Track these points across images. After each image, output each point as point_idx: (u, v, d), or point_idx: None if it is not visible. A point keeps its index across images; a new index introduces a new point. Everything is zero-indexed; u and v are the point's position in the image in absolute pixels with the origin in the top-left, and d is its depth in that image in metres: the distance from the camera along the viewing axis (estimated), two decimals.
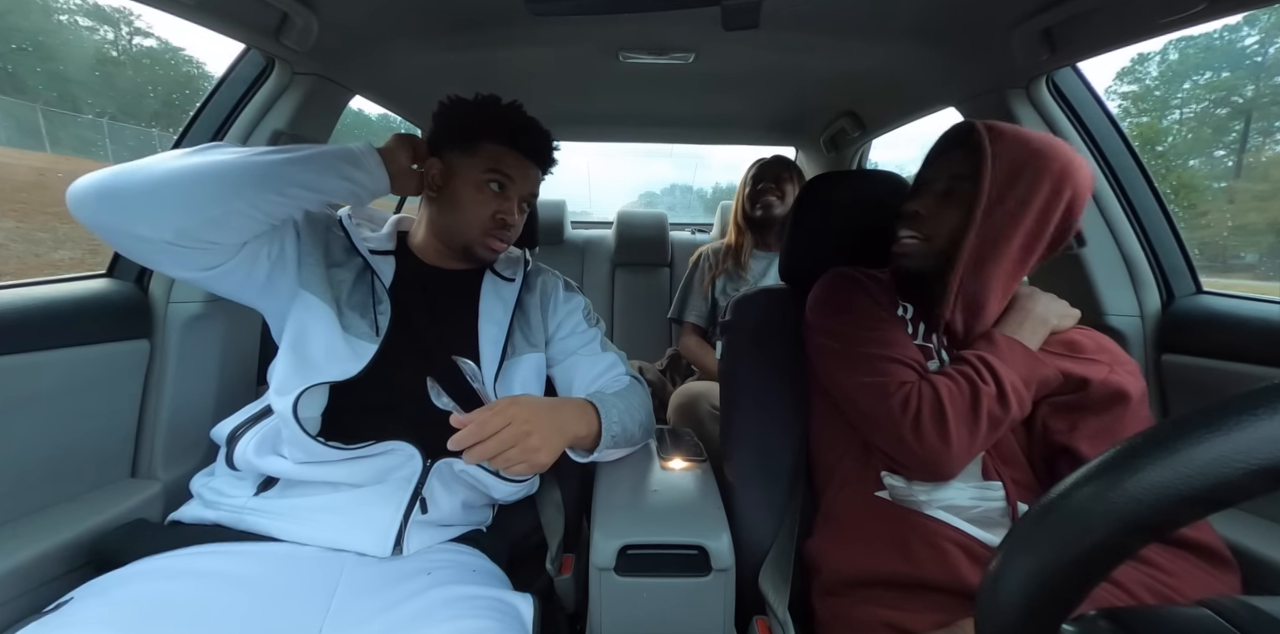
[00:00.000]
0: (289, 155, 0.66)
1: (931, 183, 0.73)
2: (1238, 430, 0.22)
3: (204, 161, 0.61)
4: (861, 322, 0.75)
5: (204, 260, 0.64)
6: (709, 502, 0.83)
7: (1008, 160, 0.66)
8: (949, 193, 0.71)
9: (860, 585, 0.64)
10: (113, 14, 17.78)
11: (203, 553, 0.62)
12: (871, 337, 0.72)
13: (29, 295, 0.80)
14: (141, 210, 0.59)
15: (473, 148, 0.78)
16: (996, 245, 0.67)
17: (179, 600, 0.54)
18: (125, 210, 0.59)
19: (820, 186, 0.89)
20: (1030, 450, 0.67)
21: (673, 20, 0.99)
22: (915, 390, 0.65)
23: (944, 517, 0.64)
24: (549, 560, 0.81)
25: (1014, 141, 0.67)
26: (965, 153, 0.69)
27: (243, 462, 0.69)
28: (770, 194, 1.55)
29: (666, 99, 1.56)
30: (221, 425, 0.74)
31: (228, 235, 0.64)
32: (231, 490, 0.70)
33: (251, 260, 0.68)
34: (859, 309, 0.76)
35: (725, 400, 0.91)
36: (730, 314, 0.91)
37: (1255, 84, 14.76)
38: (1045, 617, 0.26)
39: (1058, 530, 0.25)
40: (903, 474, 0.68)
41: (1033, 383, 0.65)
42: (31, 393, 0.78)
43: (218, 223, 0.62)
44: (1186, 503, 0.23)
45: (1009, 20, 0.87)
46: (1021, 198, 0.65)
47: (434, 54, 1.12)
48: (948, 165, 0.72)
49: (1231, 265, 8.02)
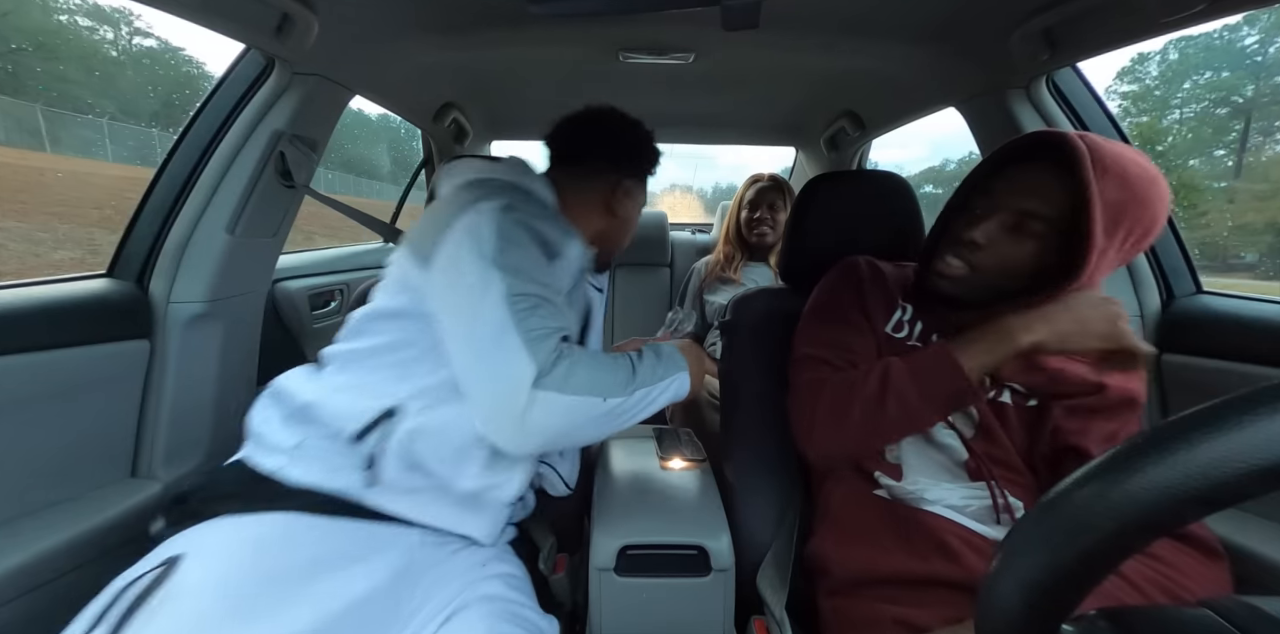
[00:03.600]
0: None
1: (999, 210, 0.63)
2: (1238, 430, 0.22)
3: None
4: (822, 323, 0.77)
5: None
6: (709, 502, 0.83)
7: (1112, 198, 0.56)
8: (1019, 227, 0.62)
9: (867, 584, 0.64)
10: (113, 14, 17.78)
11: (326, 519, 0.62)
12: (818, 337, 0.76)
13: (29, 295, 0.80)
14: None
15: (644, 180, 0.89)
16: (1092, 287, 0.61)
17: (269, 570, 0.56)
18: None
19: (820, 186, 0.89)
20: (1032, 450, 0.67)
21: (673, 20, 0.99)
22: (820, 380, 0.71)
23: (945, 513, 0.64)
24: (541, 560, 0.81)
25: (1118, 171, 0.57)
26: (1048, 180, 0.59)
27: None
28: (764, 224, 1.62)
29: (666, 99, 1.56)
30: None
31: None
32: (339, 460, 0.65)
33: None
34: (828, 310, 0.77)
35: (725, 400, 0.91)
36: (730, 314, 0.91)
37: (1255, 84, 14.75)
38: (1045, 617, 0.26)
39: (1058, 530, 0.25)
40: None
41: (939, 398, 0.63)
42: (31, 393, 0.78)
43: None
44: (1186, 503, 0.23)
45: (1009, 20, 0.87)
46: (1123, 243, 0.58)
47: (434, 54, 1.12)
48: (1025, 193, 0.61)
49: (1231, 265, 8.01)
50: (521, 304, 0.61)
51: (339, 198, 1.20)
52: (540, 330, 0.60)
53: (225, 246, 0.98)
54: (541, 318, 0.61)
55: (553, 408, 0.58)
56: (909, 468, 0.68)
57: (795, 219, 0.90)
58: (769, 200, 1.62)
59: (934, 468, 0.67)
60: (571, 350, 0.61)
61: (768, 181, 1.64)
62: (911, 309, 0.75)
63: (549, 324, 0.61)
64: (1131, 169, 0.57)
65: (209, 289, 0.97)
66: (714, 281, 1.67)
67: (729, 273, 1.64)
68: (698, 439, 1.05)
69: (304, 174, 1.04)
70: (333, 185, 18.77)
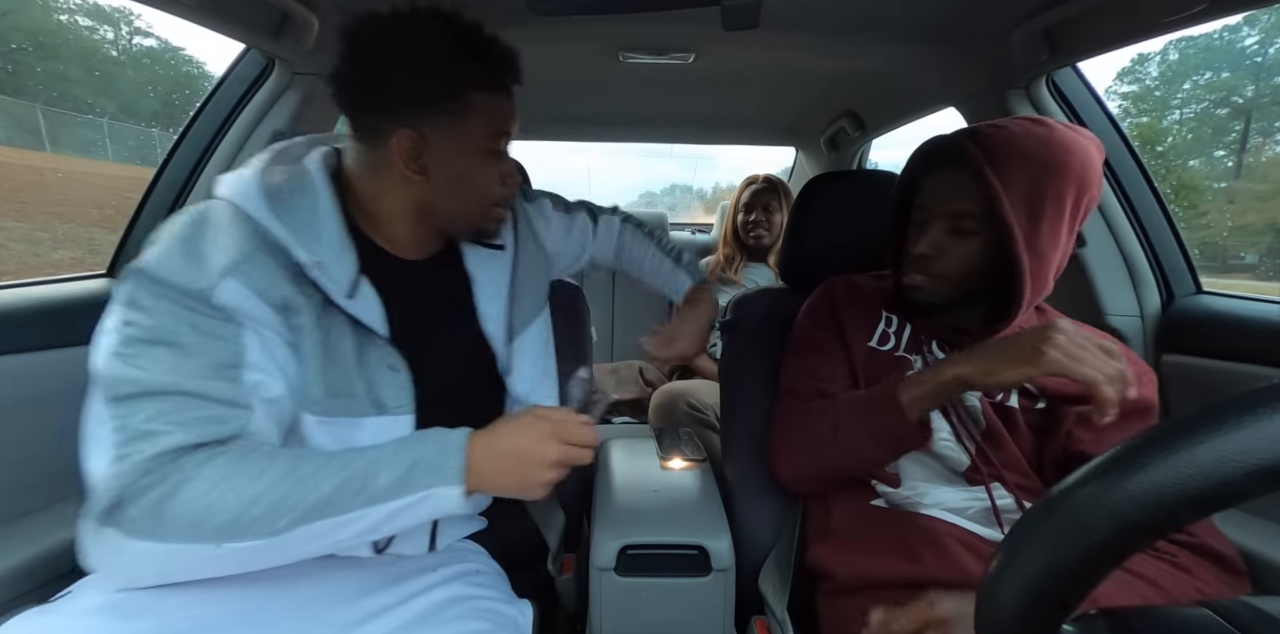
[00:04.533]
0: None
1: (933, 218, 0.65)
2: (1238, 430, 0.22)
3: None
4: (796, 354, 0.78)
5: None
6: (709, 502, 0.83)
7: (1023, 183, 0.58)
8: (957, 230, 0.64)
9: (867, 587, 0.64)
10: (113, 14, 17.77)
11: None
12: (792, 368, 0.77)
13: (29, 295, 0.80)
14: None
15: (461, 108, 0.56)
16: (1044, 267, 0.62)
17: (176, 591, 0.48)
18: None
19: (820, 187, 0.89)
20: (1041, 454, 0.66)
21: (673, 20, 0.99)
22: (785, 412, 0.73)
23: (943, 515, 0.64)
24: (550, 560, 0.81)
25: (1019, 156, 0.58)
26: (962, 181, 0.61)
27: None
28: (760, 227, 1.62)
29: (666, 99, 1.56)
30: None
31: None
32: None
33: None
34: (801, 340, 0.78)
35: (725, 400, 0.91)
36: (730, 314, 0.91)
37: (1255, 84, 14.75)
38: (1045, 616, 0.26)
39: (1057, 530, 0.25)
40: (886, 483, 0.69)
41: (886, 440, 0.63)
42: (31, 393, 0.78)
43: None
44: (1186, 503, 0.23)
45: (1009, 20, 0.87)
46: (1053, 218, 0.59)
47: None
48: (948, 197, 0.64)
49: (1231, 265, 8.02)
50: (121, 409, 0.44)
51: None
52: (129, 448, 0.43)
53: None
54: (138, 427, 0.44)
55: (123, 558, 0.43)
56: (906, 475, 0.68)
57: (795, 219, 0.90)
58: (763, 202, 1.62)
59: (932, 474, 0.67)
60: (174, 471, 0.43)
61: (762, 183, 1.63)
62: (897, 319, 0.75)
63: (150, 434, 0.43)
64: (1028, 146, 0.58)
65: None
66: (714, 282, 1.67)
67: (729, 274, 1.64)
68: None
69: None
70: None
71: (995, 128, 0.61)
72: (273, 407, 0.51)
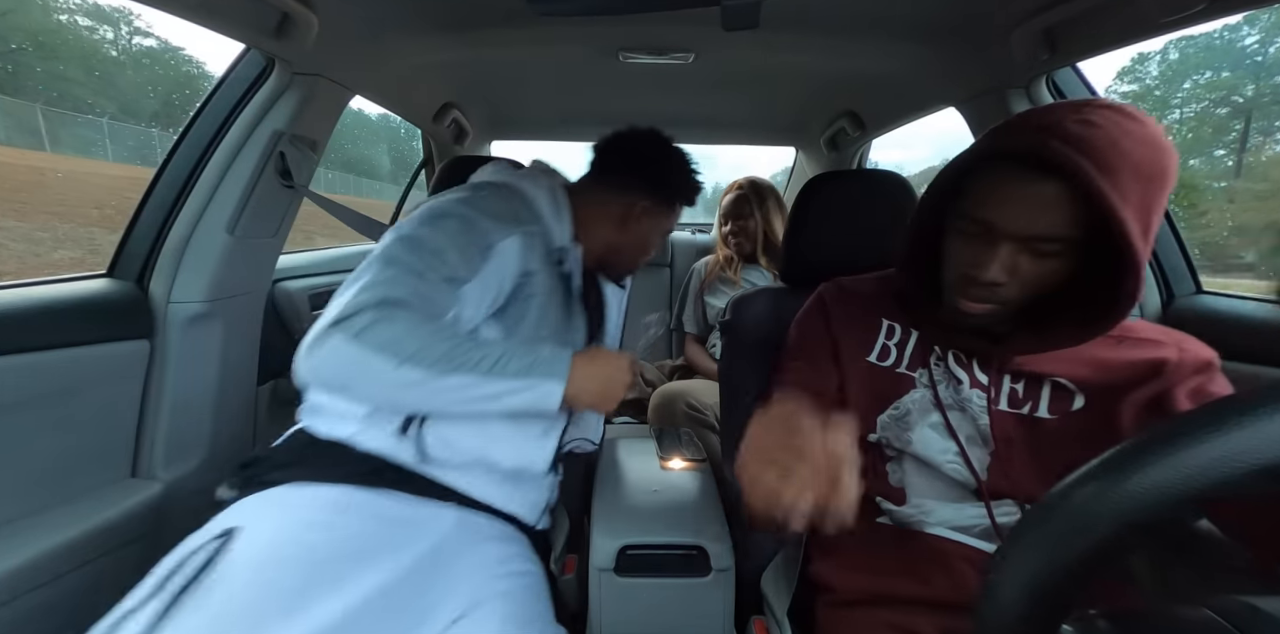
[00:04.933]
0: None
1: (1002, 240, 0.52)
2: (1237, 430, 0.22)
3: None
4: (790, 359, 0.73)
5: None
6: (709, 502, 0.83)
7: (1136, 199, 0.48)
8: (1034, 250, 0.52)
9: (870, 604, 0.62)
10: (113, 14, 17.76)
11: (375, 494, 0.66)
12: (783, 378, 0.72)
13: (29, 295, 0.80)
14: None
15: (671, 205, 0.89)
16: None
17: (310, 555, 0.57)
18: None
19: (820, 186, 0.89)
20: (1057, 463, 0.60)
21: (673, 20, 0.99)
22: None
23: (949, 534, 0.61)
24: (552, 561, 0.82)
25: (1132, 166, 0.47)
26: (1054, 197, 0.49)
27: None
28: (736, 237, 1.63)
29: (666, 99, 1.56)
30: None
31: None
32: (395, 443, 0.70)
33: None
34: (795, 348, 0.74)
35: (725, 400, 0.91)
36: (730, 314, 0.91)
37: (1255, 84, 14.74)
38: (1045, 616, 0.26)
39: (1058, 530, 0.25)
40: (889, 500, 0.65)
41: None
42: (31, 393, 0.78)
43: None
44: (1186, 502, 0.23)
45: (1009, 20, 0.87)
46: (1155, 222, 0.50)
47: (434, 54, 1.12)
48: (1027, 218, 0.50)
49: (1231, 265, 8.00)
50: (387, 266, 0.63)
51: (339, 198, 1.20)
52: (376, 287, 0.61)
53: (225, 246, 0.98)
54: (390, 280, 0.62)
55: (335, 354, 0.58)
56: (912, 490, 0.64)
57: (795, 219, 0.90)
58: (738, 211, 1.61)
59: (940, 489, 0.63)
60: (394, 312, 0.60)
61: (738, 191, 1.62)
62: (900, 328, 0.68)
63: (392, 288, 0.61)
64: (1137, 152, 0.48)
65: (209, 289, 0.97)
66: (713, 282, 1.67)
67: (728, 273, 1.64)
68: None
69: (304, 174, 1.04)
70: (333, 185, 18.77)
71: (1088, 126, 0.48)
72: (461, 318, 0.69)
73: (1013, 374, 0.61)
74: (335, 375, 0.60)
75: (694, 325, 1.68)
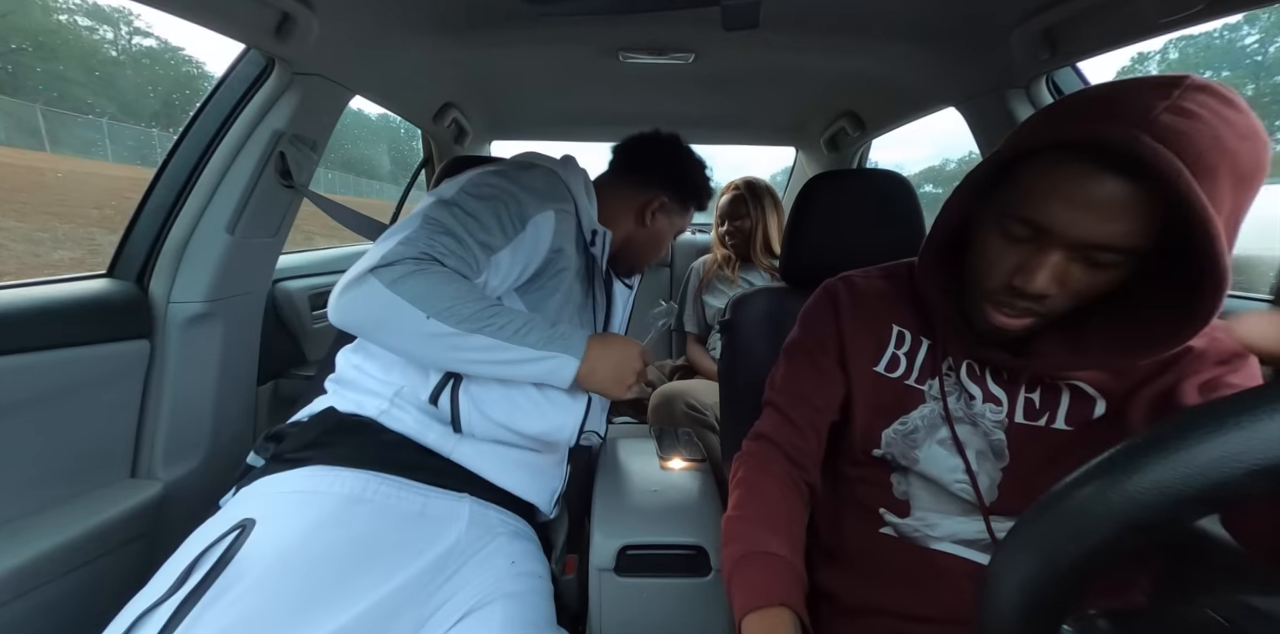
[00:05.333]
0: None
1: (1054, 245, 0.45)
2: (1237, 430, 0.22)
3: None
4: (789, 363, 0.70)
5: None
6: (709, 502, 0.83)
7: (1229, 203, 0.40)
8: (1089, 259, 0.45)
9: (873, 615, 0.61)
10: (112, 14, 17.77)
11: (392, 485, 0.67)
12: (783, 382, 0.69)
13: (29, 295, 0.80)
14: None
15: (687, 207, 0.94)
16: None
17: (323, 552, 0.57)
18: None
19: (820, 186, 0.89)
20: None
21: (673, 20, 0.99)
22: (751, 446, 0.68)
23: (954, 550, 0.59)
24: (553, 561, 0.82)
25: (1229, 164, 0.40)
26: (1125, 198, 0.41)
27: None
28: (733, 237, 1.63)
29: (666, 99, 1.56)
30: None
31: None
32: (426, 417, 0.72)
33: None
34: (796, 350, 0.70)
35: (724, 400, 0.91)
36: (730, 314, 0.91)
37: (1255, 84, 14.73)
38: (1045, 616, 0.26)
39: (1057, 530, 0.25)
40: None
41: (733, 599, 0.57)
42: (31, 393, 0.78)
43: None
44: (1186, 503, 0.23)
45: (1009, 20, 0.87)
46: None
47: (434, 54, 1.12)
48: (1091, 222, 0.42)
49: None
50: (427, 224, 0.66)
51: (339, 198, 1.20)
52: (417, 242, 0.63)
53: (225, 246, 0.98)
54: (430, 237, 0.64)
55: (370, 297, 0.61)
56: (916, 502, 0.62)
57: (795, 219, 0.90)
58: (734, 211, 1.61)
59: (944, 503, 0.61)
60: (432, 267, 0.63)
61: (734, 191, 1.62)
62: (910, 336, 0.63)
63: (432, 245, 0.64)
64: (1234, 147, 0.40)
65: (209, 289, 0.97)
66: (712, 282, 1.67)
67: (727, 273, 1.64)
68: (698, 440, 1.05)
69: (304, 174, 1.04)
70: (333, 185, 18.79)
71: (1186, 117, 0.39)
72: (489, 284, 0.71)
73: (1029, 383, 0.57)
74: (365, 317, 0.63)
75: (694, 325, 1.68)
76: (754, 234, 1.59)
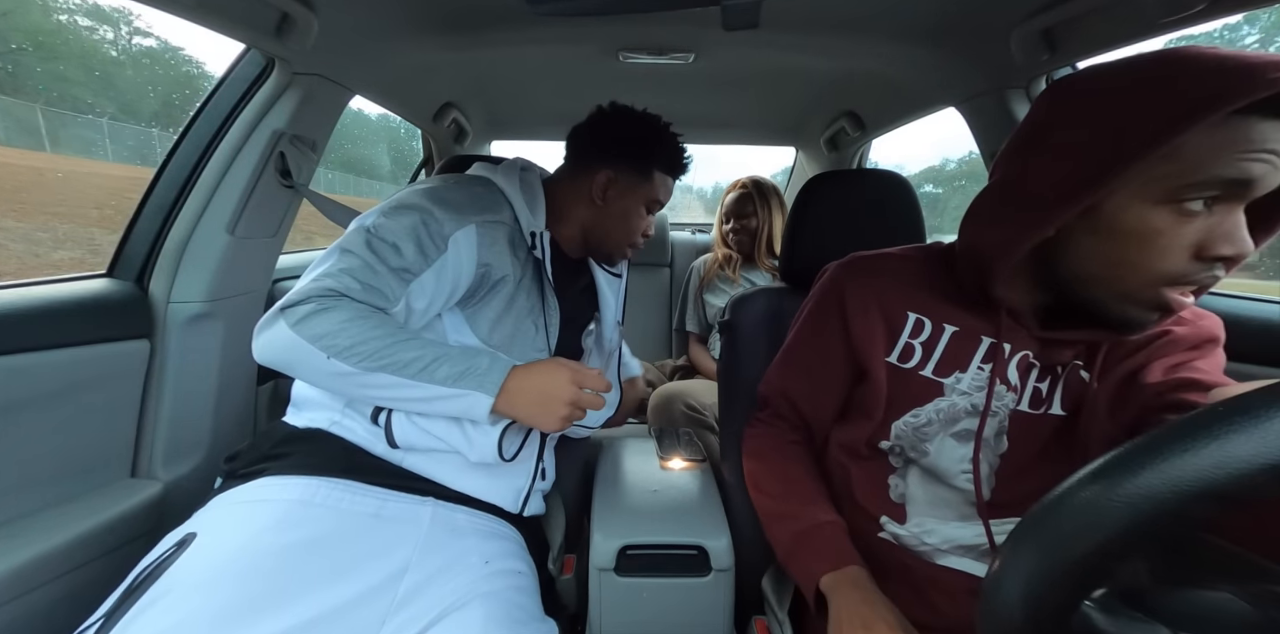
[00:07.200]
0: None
1: (1241, 203, 0.44)
2: (1239, 430, 0.22)
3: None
4: (801, 346, 0.71)
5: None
6: (709, 502, 0.83)
7: None
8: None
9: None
10: (113, 14, 17.78)
11: (344, 489, 0.66)
12: (788, 370, 0.71)
13: (29, 295, 0.80)
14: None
15: (646, 173, 0.85)
16: None
17: (266, 564, 0.56)
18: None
19: (820, 186, 0.89)
20: (1061, 466, 0.57)
21: (673, 20, 0.99)
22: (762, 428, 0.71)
23: (954, 562, 0.59)
24: (551, 560, 0.81)
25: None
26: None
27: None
28: (739, 234, 1.62)
29: (666, 99, 1.56)
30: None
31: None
32: (368, 434, 0.71)
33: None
34: (805, 335, 0.70)
35: (723, 400, 0.91)
36: (729, 314, 0.91)
37: None
38: (1048, 616, 0.26)
39: (1060, 530, 0.25)
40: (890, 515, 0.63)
41: (795, 569, 0.63)
42: (31, 393, 0.78)
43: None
44: (1189, 502, 0.23)
45: (1009, 20, 0.87)
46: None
47: (434, 54, 1.12)
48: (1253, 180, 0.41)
49: None
50: (343, 257, 0.66)
51: (339, 198, 1.20)
52: (327, 277, 0.64)
53: (225, 246, 0.98)
54: (340, 271, 0.64)
55: (275, 338, 0.62)
56: (914, 507, 0.61)
57: (795, 219, 0.90)
58: (741, 209, 1.61)
59: (942, 507, 0.60)
60: (339, 303, 0.62)
61: (741, 189, 1.62)
62: (930, 324, 0.60)
63: (340, 279, 0.64)
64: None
65: (209, 289, 0.97)
66: (712, 281, 1.67)
67: (727, 272, 1.64)
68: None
69: (304, 174, 1.04)
70: (333, 185, 18.79)
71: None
72: (413, 309, 0.70)
73: (1040, 371, 0.57)
74: (276, 358, 0.64)
75: (695, 325, 1.68)
76: (760, 234, 1.59)
